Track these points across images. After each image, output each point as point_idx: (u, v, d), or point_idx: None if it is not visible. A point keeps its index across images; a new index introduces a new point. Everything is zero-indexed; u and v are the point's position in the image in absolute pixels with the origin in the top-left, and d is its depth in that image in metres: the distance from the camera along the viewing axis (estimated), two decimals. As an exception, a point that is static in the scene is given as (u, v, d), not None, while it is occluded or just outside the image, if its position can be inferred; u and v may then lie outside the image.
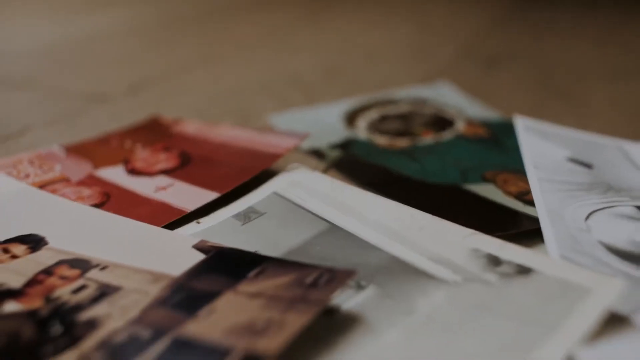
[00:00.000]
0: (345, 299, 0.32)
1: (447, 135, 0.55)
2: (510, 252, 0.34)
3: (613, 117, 0.62)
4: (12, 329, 0.31)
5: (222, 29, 1.01)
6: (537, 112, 0.58)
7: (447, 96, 0.64)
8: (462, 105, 0.62)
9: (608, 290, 0.31)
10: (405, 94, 0.65)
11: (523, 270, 0.33)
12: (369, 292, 0.33)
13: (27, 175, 0.47)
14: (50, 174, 0.47)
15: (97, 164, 0.49)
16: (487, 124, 0.57)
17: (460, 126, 0.57)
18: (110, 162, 0.49)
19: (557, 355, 0.28)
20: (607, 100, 0.67)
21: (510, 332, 0.29)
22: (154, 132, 0.55)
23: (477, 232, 0.36)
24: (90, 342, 0.29)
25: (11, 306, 0.32)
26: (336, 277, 0.31)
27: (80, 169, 0.48)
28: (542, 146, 0.50)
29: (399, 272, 0.34)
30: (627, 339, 0.30)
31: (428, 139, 0.54)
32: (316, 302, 0.30)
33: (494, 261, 0.34)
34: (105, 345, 0.29)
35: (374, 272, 0.34)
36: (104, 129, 0.56)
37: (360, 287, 0.33)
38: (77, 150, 0.51)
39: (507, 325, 0.30)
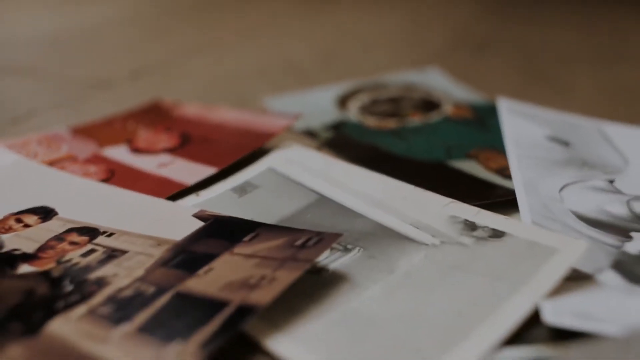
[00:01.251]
0: (333, 260, 0.35)
1: (434, 117, 0.58)
2: (486, 218, 0.37)
3: (595, 99, 0.64)
4: (28, 286, 0.34)
5: (220, 17, 1.04)
6: (523, 95, 0.61)
7: (435, 81, 0.67)
8: (450, 89, 0.64)
9: (573, 250, 0.34)
10: (396, 79, 0.67)
11: (496, 234, 0.36)
12: (354, 254, 0.35)
13: (36, 155, 0.49)
14: (57, 153, 0.50)
15: (102, 144, 0.51)
16: (473, 107, 0.60)
17: (447, 109, 0.59)
18: (114, 142, 0.52)
19: (524, 308, 0.31)
20: (590, 84, 0.69)
21: (482, 288, 0.32)
22: (155, 114, 0.57)
23: (455, 200, 0.39)
24: (99, 298, 0.32)
25: (26, 268, 0.35)
26: (324, 239, 0.34)
27: (85, 148, 0.51)
28: (522, 126, 0.52)
29: (382, 236, 0.37)
30: (590, 294, 0.33)
31: (416, 120, 0.57)
32: (305, 260, 0.33)
33: (470, 226, 0.37)
34: (112, 299, 0.32)
35: (360, 236, 0.37)
36: (107, 113, 0.59)
37: (346, 250, 0.36)
38: (83, 131, 0.54)
39: (480, 281, 0.32)
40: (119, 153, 0.50)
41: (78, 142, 0.52)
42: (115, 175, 0.47)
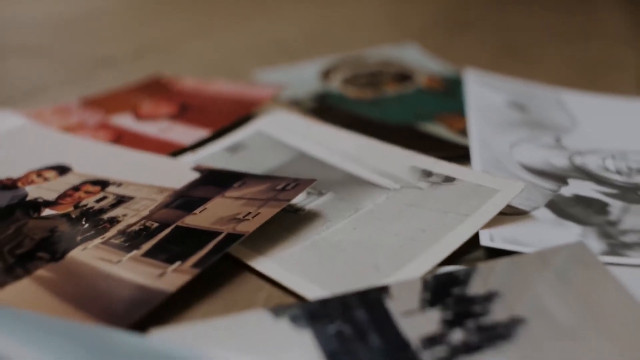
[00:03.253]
0: (309, 202, 0.41)
1: (408, 87, 0.64)
2: (441, 167, 0.43)
3: (562, 73, 0.70)
4: (51, 225, 0.40)
5: (214, 2, 1.09)
6: (494, 68, 0.67)
7: (412, 56, 0.73)
8: (426, 63, 0.70)
9: (511, 190, 0.40)
10: (376, 54, 0.73)
11: (448, 179, 0.42)
12: (327, 197, 0.42)
13: (51, 123, 0.55)
14: (69, 121, 0.56)
15: (109, 113, 0.58)
16: (445, 79, 0.66)
17: (421, 80, 0.65)
18: (120, 111, 0.58)
19: (466, 235, 0.37)
20: (560, 59, 0.75)
21: (432, 219, 0.38)
22: (156, 87, 0.63)
23: (417, 153, 0.45)
24: (111, 232, 0.38)
25: (48, 212, 0.42)
26: (300, 184, 0.40)
27: (94, 117, 0.57)
28: (484, 93, 0.58)
29: (352, 183, 0.43)
30: (522, 225, 0.39)
31: (392, 91, 0.63)
32: (284, 200, 0.39)
33: (427, 174, 0.43)
34: (122, 233, 0.38)
35: (333, 184, 0.43)
36: (112, 88, 0.65)
37: (320, 194, 0.42)
38: (91, 102, 0.60)
39: (431, 214, 0.39)
40: (125, 121, 0.56)
41: (87, 112, 0.58)
42: (122, 139, 0.53)
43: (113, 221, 0.40)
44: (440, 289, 0.32)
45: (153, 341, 0.29)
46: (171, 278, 0.33)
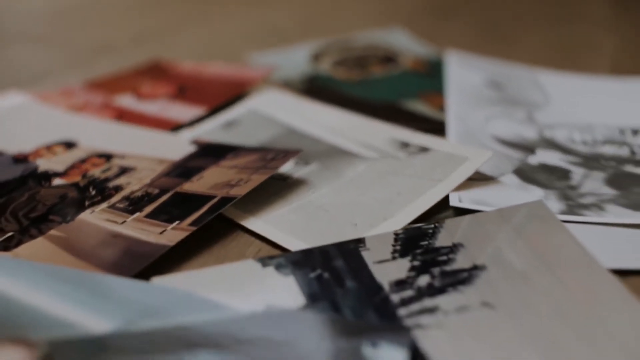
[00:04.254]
0: (297, 171, 0.45)
1: (394, 69, 0.67)
2: (417, 139, 0.47)
3: (542, 54, 0.74)
4: (61, 192, 0.44)
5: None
6: (478, 51, 0.70)
7: (399, 39, 0.76)
8: (411, 46, 0.74)
9: (480, 158, 0.44)
10: (364, 37, 0.77)
11: (424, 149, 0.46)
12: (313, 166, 0.46)
13: (57, 103, 0.59)
14: (74, 102, 0.60)
15: (111, 94, 0.61)
16: (429, 61, 0.69)
17: (406, 63, 0.69)
18: (121, 92, 0.62)
19: (437, 197, 0.41)
20: (540, 41, 0.79)
21: (407, 184, 0.42)
22: (156, 70, 0.67)
23: (396, 127, 0.49)
24: (116, 198, 0.42)
25: (58, 181, 0.45)
26: (288, 154, 0.44)
27: (97, 98, 0.61)
28: (464, 73, 0.62)
29: (335, 154, 0.47)
30: (489, 188, 0.43)
31: (378, 72, 0.67)
32: (273, 167, 0.43)
33: (405, 145, 0.47)
34: (126, 198, 0.42)
35: (318, 155, 0.47)
36: (113, 72, 0.69)
37: (307, 164, 0.46)
38: (94, 85, 0.64)
39: (406, 180, 0.43)
40: (126, 101, 0.60)
41: (91, 94, 0.62)
42: (124, 118, 0.56)
43: (118, 188, 0.43)
44: (410, 242, 0.36)
45: (154, 286, 0.33)
46: (171, 235, 0.37)
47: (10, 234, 0.39)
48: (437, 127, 0.52)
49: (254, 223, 0.40)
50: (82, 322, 0.30)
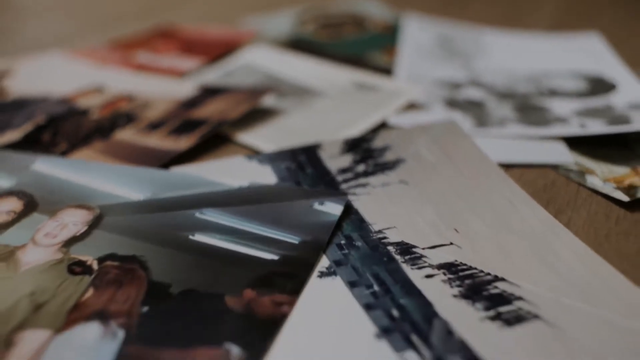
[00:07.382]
0: (275, 104, 0.59)
1: (365, 31, 0.81)
2: (371, 80, 0.61)
3: (489, 14, 0.87)
4: (98, 120, 0.58)
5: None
6: (436, 14, 0.84)
7: (370, 7, 0.90)
8: (380, 12, 0.87)
9: (414, 92, 0.58)
10: (342, 5, 0.90)
11: (374, 88, 0.60)
12: (288, 101, 0.60)
13: (87, 59, 0.73)
14: (97, 58, 0.74)
15: (130, 51, 0.75)
16: (393, 24, 0.83)
17: (375, 25, 0.83)
18: (138, 49, 0.75)
19: (376, 120, 0.55)
20: (489, 3, 0.92)
21: (357, 111, 0.56)
22: (166, 32, 0.81)
23: (355, 71, 0.63)
24: (141, 123, 0.57)
25: (95, 115, 0.60)
26: (267, 90, 0.58)
27: (118, 54, 0.75)
28: (417, 31, 0.76)
29: (306, 92, 0.61)
30: (421, 114, 0.57)
31: (351, 34, 0.81)
32: (255, 98, 0.57)
33: (361, 85, 0.61)
34: (150, 122, 0.56)
35: (293, 92, 0.61)
36: (128, 36, 0.82)
37: (284, 98, 0.60)
38: (115, 44, 0.78)
39: (357, 107, 0.57)
40: (142, 56, 0.74)
41: (112, 52, 0.76)
42: (141, 69, 0.70)
43: (141, 118, 0.58)
44: (354, 144, 0.50)
45: (172, 172, 0.47)
46: (183, 142, 0.52)
47: (65, 148, 0.53)
48: (388, 72, 0.66)
49: (242, 137, 0.54)
50: (123, 194, 0.45)
